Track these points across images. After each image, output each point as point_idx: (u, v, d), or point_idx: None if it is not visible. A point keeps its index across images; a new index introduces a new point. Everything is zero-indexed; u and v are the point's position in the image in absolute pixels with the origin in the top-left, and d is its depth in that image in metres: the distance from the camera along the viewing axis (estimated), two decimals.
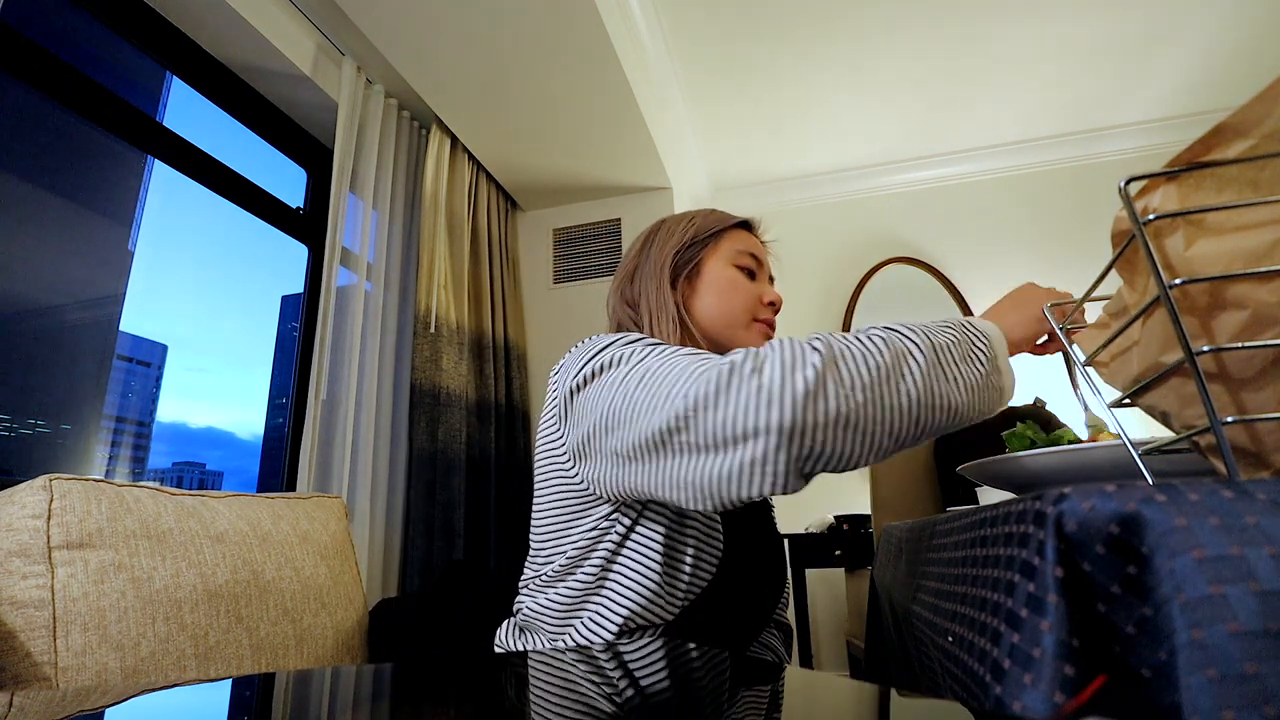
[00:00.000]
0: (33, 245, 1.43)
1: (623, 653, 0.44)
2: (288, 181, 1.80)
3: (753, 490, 0.47)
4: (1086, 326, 0.52)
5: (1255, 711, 0.23)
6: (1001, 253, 2.63)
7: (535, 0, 1.46)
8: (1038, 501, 0.32)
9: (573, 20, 1.52)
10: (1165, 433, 0.46)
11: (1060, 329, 0.55)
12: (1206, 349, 0.35)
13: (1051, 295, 0.61)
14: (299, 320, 1.70)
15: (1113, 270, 0.44)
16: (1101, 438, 0.62)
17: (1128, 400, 0.45)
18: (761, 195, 2.87)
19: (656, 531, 0.61)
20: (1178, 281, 0.36)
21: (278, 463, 1.62)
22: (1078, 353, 0.51)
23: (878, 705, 0.30)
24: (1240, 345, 0.35)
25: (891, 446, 0.48)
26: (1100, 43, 2.08)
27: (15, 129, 1.25)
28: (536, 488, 0.67)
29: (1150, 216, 0.38)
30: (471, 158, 2.06)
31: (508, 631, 0.70)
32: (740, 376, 0.47)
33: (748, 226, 0.82)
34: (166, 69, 1.48)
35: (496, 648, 0.71)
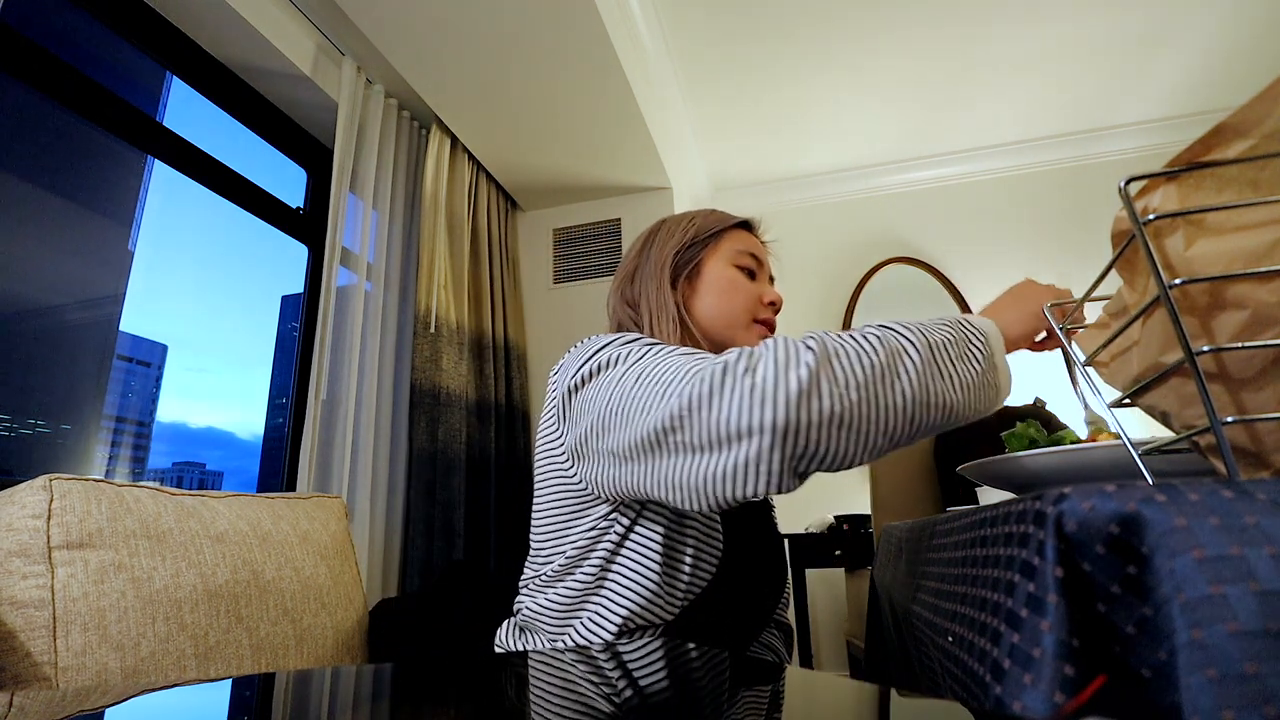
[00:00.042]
0: (33, 245, 1.43)
1: (622, 653, 0.43)
2: (288, 181, 1.80)
3: (747, 490, 0.47)
4: (1086, 326, 0.52)
5: (1255, 711, 0.23)
6: (1001, 253, 2.63)
7: (535, 0, 1.46)
8: (1038, 501, 0.32)
9: (573, 20, 1.52)
10: (1165, 433, 0.46)
11: (1060, 329, 0.55)
12: (1206, 349, 0.35)
13: (1051, 292, 0.61)
14: (299, 320, 1.70)
15: (1113, 270, 0.44)
16: (1101, 438, 0.62)
17: (1128, 400, 0.45)
18: (761, 195, 2.87)
19: (655, 531, 0.61)
20: (1178, 281, 0.36)
21: (278, 463, 1.62)
22: (1078, 352, 0.51)
23: (878, 705, 0.30)
24: (1240, 345, 0.35)
25: (886, 445, 0.48)
26: (1100, 43, 2.08)
27: (15, 129, 1.25)
28: (536, 488, 0.67)
29: (1150, 216, 0.38)
30: (471, 158, 2.06)
31: (508, 631, 0.70)
32: (734, 376, 0.47)
33: (748, 226, 0.82)
34: (166, 69, 1.48)
35: (496, 648, 0.71)
